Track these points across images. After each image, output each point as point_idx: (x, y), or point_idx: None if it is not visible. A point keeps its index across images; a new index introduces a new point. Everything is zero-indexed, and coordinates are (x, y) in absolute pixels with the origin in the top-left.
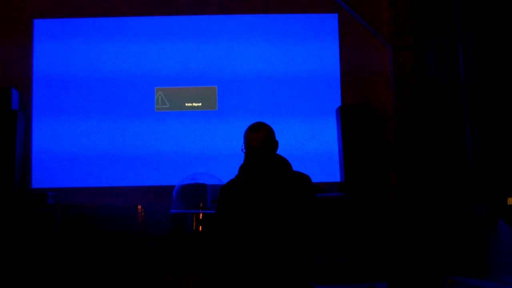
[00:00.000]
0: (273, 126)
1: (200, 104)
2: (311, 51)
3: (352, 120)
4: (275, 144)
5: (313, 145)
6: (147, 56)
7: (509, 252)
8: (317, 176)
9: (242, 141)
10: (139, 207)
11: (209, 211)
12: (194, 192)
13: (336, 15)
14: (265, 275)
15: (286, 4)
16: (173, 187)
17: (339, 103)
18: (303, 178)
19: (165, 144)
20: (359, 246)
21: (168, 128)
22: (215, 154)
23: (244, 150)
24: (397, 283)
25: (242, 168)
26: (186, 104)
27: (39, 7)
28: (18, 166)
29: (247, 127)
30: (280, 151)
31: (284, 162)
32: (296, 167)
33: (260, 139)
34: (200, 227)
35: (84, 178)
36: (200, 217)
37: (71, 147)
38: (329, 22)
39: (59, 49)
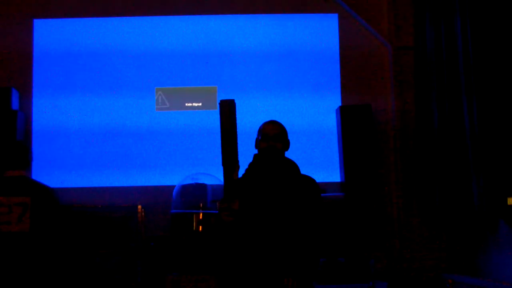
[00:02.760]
0: None
1: (200, 104)
2: (311, 51)
3: (352, 120)
4: (288, 141)
5: (313, 145)
6: (147, 56)
7: (509, 252)
8: (317, 176)
9: (243, 141)
10: (139, 207)
11: (209, 211)
12: (194, 192)
13: (336, 15)
14: (268, 274)
15: (286, 4)
16: (173, 187)
17: (339, 103)
18: (310, 181)
19: (165, 144)
20: (359, 246)
21: (168, 128)
22: (215, 154)
23: (258, 137)
24: (397, 283)
25: (250, 167)
26: (186, 104)
27: (39, 7)
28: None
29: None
30: None
31: (292, 165)
32: None
33: (276, 128)
34: (200, 227)
35: (84, 178)
36: (200, 217)
37: (71, 147)
38: (329, 22)
39: (59, 49)
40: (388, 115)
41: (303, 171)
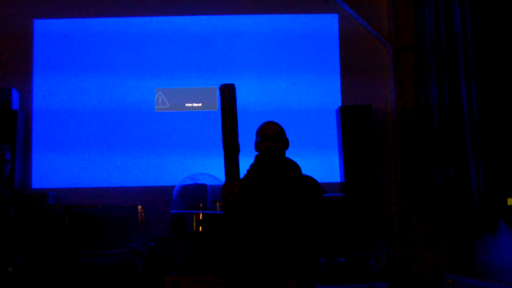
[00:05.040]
0: None
1: (200, 104)
2: (311, 52)
3: (352, 120)
4: (287, 140)
5: (313, 146)
6: (148, 57)
7: (509, 252)
8: (317, 176)
9: (245, 141)
10: (139, 207)
11: (209, 212)
12: (194, 192)
13: (336, 15)
14: (269, 274)
15: (286, 4)
16: (173, 187)
17: (339, 103)
18: (312, 182)
19: (165, 144)
20: (359, 246)
21: (168, 128)
22: (215, 154)
23: (258, 139)
24: (397, 283)
25: (252, 168)
26: (186, 105)
27: (39, 7)
28: (18, 166)
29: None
30: None
31: (293, 165)
32: None
33: (275, 129)
34: (200, 227)
35: (84, 178)
36: (200, 218)
37: (71, 147)
38: (329, 22)
39: (59, 49)
40: (388, 115)
41: (303, 171)
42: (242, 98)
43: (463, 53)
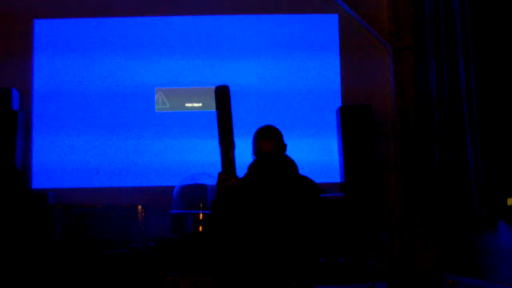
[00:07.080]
0: None
1: (200, 104)
2: (311, 52)
3: (352, 120)
4: (284, 147)
5: (313, 146)
6: (148, 57)
7: (509, 252)
8: (317, 176)
9: (243, 141)
10: (139, 207)
11: (209, 211)
12: (194, 192)
13: (336, 15)
14: (269, 275)
15: (286, 5)
16: (173, 187)
17: (339, 104)
18: (308, 182)
19: (165, 144)
20: (359, 246)
21: (168, 128)
22: (215, 154)
23: (254, 157)
24: (397, 283)
25: (251, 169)
26: (186, 105)
27: (39, 7)
28: (18, 167)
29: (255, 130)
30: None
31: (291, 165)
32: None
33: (270, 146)
34: (200, 227)
35: (84, 178)
36: (200, 218)
37: (71, 147)
38: (329, 22)
39: (59, 49)
40: (388, 115)
41: (303, 171)
42: (242, 98)
43: (463, 53)
